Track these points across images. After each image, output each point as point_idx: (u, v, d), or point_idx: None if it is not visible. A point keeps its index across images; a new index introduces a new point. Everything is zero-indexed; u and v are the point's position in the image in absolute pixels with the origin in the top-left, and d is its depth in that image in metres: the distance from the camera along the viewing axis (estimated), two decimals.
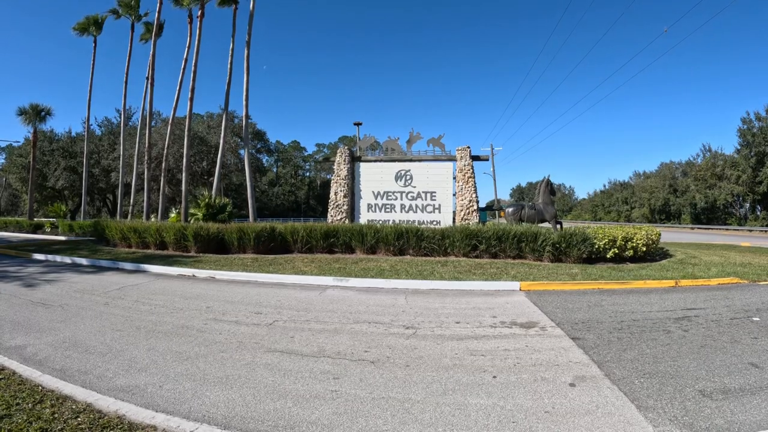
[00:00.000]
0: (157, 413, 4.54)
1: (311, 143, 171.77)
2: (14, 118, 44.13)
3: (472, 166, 22.14)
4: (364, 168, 23.31)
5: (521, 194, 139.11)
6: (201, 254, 17.95)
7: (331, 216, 22.81)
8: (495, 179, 58.33)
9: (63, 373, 5.62)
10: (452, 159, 22.56)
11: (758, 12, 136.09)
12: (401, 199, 22.61)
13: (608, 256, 15.28)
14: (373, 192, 22.98)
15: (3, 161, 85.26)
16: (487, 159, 27.49)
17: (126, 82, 36.26)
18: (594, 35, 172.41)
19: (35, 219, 41.21)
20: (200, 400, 4.87)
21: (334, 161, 23.52)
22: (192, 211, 24.55)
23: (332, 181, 23.45)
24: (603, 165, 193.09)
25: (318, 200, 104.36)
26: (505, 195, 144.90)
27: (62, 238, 28.10)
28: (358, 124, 37.07)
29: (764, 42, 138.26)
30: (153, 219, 29.92)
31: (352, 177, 23.26)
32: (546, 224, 19.71)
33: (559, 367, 5.91)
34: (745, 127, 61.72)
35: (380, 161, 23.32)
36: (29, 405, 4.65)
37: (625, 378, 5.49)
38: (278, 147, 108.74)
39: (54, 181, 59.57)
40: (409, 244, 16.67)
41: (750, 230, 54.87)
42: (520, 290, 11.39)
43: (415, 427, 4.31)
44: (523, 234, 15.68)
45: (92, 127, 54.97)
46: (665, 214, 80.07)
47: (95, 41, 37.83)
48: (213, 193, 26.66)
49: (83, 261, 16.75)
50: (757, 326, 7.83)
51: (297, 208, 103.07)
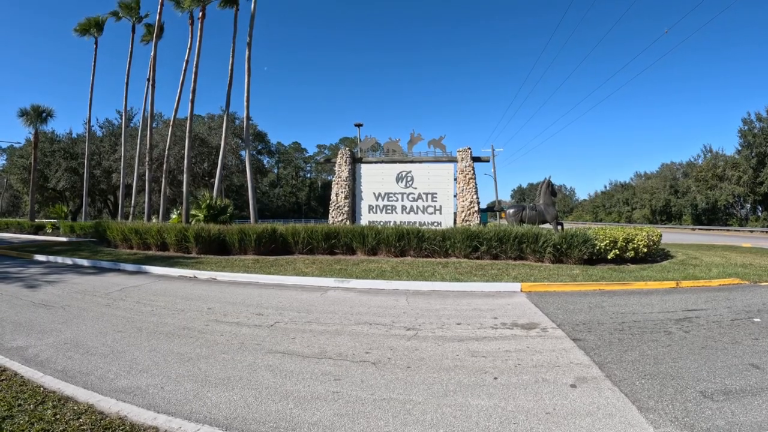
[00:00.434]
0: (159, 414, 4.54)
1: (312, 144, 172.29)
2: (15, 119, 44.13)
3: (473, 168, 22.14)
4: (365, 169, 23.32)
5: (522, 195, 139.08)
6: (202, 255, 17.96)
7: (332, 217, 22.82)
8: (496, 180, 58.40)
9: (65, 374, 5.62)
10: (453, 160, 22.56)
11: (759, 12, 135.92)
12: (402, 201, 22.62)
13: (609, 257, 15.27)
14: (374, 193, 22.99)
15: (4, 162, 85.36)
16: (488, 160, 27.55)
17: (127, 84, 36.23)
18: (595, 35, 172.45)
19: (36, 220, 41.20)
20: (202, 402, 4.87)
21: (335, 162, 23.53)
22: (193, 213, 24.59)
23: (333, 183, 23.46)
24: (604, 166, 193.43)
25: (319, 201, 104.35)
26: (506, 196, 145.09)
27: (63, 240, 28.11)
28: (359, 126, 37.06)
29: (765, 42, 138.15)
30: (154, 220, 29.90)
31: (353, 178, 23.28)
32: (547, 225, 19.72)
33: (560, 369, 5.90)
34: (746, 128, 61.68)
35: (381, 162, 23.34)
36: (31, 406, 4.65)
37: (626, 379, 5.49)
38: (279, 148, 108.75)
39: (55, 183, 59.50)
40: (410, 246, 16.66)
41: (751, 231, 54.86)
42: (521, 291, 11.39)
43: (417, 429, 4.31)
44: (524, 235, 15.66)
45: (93, 129, 54.83)
46: (666, 215, 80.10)
47: (96, 42, 37.81)
48: (214, 195, 26.68)
49: (84, 262, 16.74)
50: (758, 327, 7.81)
51: (298, 210, 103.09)
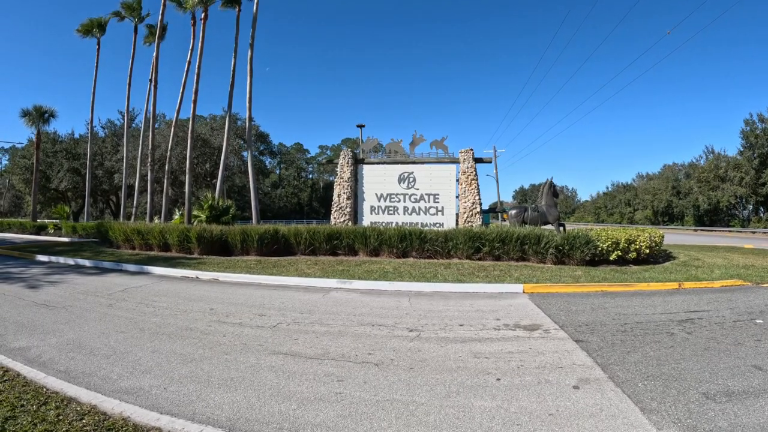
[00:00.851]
0: (162, 415, 4.54)
1: (314, 145, 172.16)
2: (18, 120, 44.27)
3: (475, 169, 22.09)
4: (367, 170, 23.29)
5: (524, 196, 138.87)
6: (204, 256, 17.96)
7: (334, 218, 22.80)
8: (498, 181, 58.38)
9: (67, 375, 5.63)
10: (455, 161, 22.51)
11: (761, 11, 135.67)
12: (404, 202, 22.57)
13: (611, 259, 15.21)
14: (376, 194, 22.95)
15: (6, 163, 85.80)
16: (490, 161, 27.51)
17: (129, 84, 36.36)
18: (599, 34, 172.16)
19: (38, 220, 41.33)
20: (205, 402, 4.86)
21: (338, 163, 23.49)
22: (195, 213, 24.59)
23: (335, 184, 23.41)
24: (606, 167, 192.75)
25: (321, 202, 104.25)
26: (508, 197, 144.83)
27: (65, 240, 28.15)
28: (361, 126, 37.03)
29: (767, 42, 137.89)
30: (156, 221, 29.96)
31: (355, 179, 23.25)
32: (549, 226, 19.69)
33: (563, 370, 5.89)
34: (748, 129, 61.55)
35: (383, 163, 23.28)
36: (34, 406, 4.66)
37: (629, 380, 5.48)
38: (281, 149, 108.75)
39: (57, 183, 59.70)
40: (413, 247, 16.63)
41: (753, 232, 54.75)
42: (524, 293, 11.36)
43: (420, 430, 4.30)
44: (527, 236, 15.63)
45: (95, 129, 55.21)
46: (668, 216, 79.96)
47: (98, 43, 37.96)
48: (216, 195, 26.68)
49: (87, 263, 16.76)
50: (761, 329, 7.79)
51: (300, 210, 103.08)
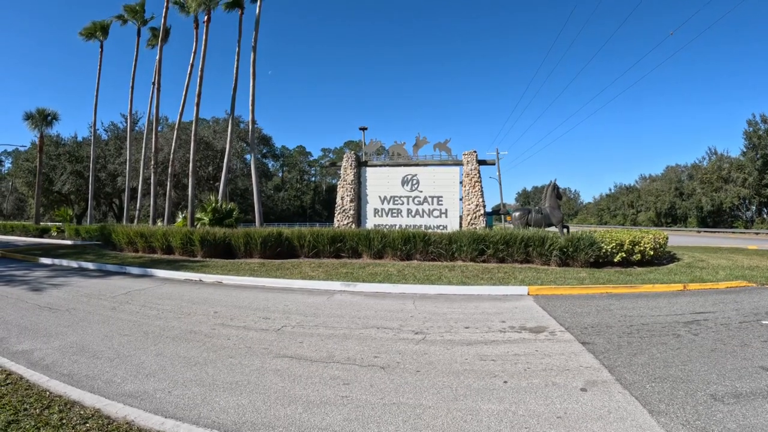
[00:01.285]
0: (167, 419, 4.50)
1: (317, 148, 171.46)
2: (21, 123, 44.36)
3: (479, 171, 22.07)
4: (371, 173, 23.30)
5: (527, 198, 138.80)
6: (208, 259, 17.94)
7: (338, 221, 22.79)
8: (501, 183, 58.22)
9: (71, 378, 5.59)
10: (459, 163, 22.51)
11: (764, 11, 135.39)
12: (408, 204, 22.59)
13: (616, 260, 15.17)
14: (380, 197, 22.96)
15: (10, 166, 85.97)
16: (494, 163, 27.47)
17: (132, 87, 36.43)
18: (603, 33, 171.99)
19: (42, 223, 41.44)
20: (210, 406, 4.82)
21: (341, 166, 23.51)
22: (198, 216, 24.59)
23: (339, 186, 23.42)
24: (608, 169, 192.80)
25: (323, 205, 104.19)
26: (511, 199, 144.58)
27: (69, 243, 28.18)
28: (364, 129, 36.91)
29: None
30: (159, 223, 29.94)
31: (359, 182, 23.26)
32: (553, 228, 19.64)
33: (570, 372, 5.86)
34: (751, 130, 61.67)
35: (387, 166, 23.29)
36: (37, 410, 4.61)
37: (637, 382, 5.45)
38: (284, 152, 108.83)
39: (60, 186, 59.78)
40: (416, 249, 16.57)
41: (757, 233, 54.61)
42: (529, 295, 11.32)
43: None
44: (531, 238, 15.59)
45: (98, 132, 55.29)
46: (671, 218, 79.89)
47: (101, 46, 38.02)
48: (219, 198, 26.66)
49: (90, 265, 16.75)
50: (767, 330, 7.75)
51: (303, 213, 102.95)
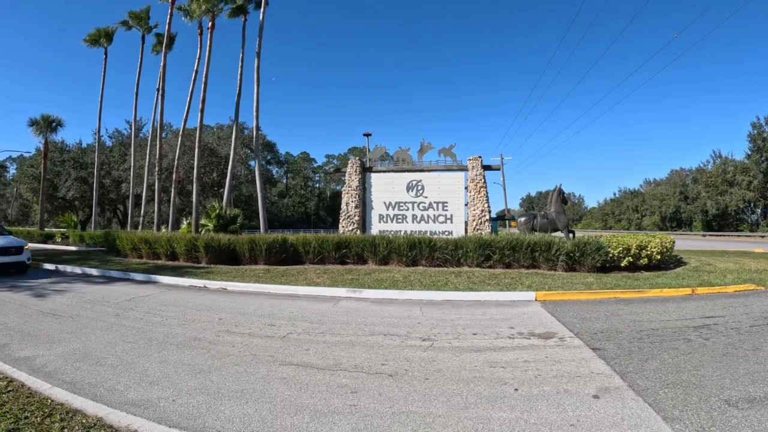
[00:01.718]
0: (171, 428, 4.40)
1: (321, 154, 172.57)
2: (26, 129, 44.58)
3: (484, 176, 22.02)
4: (375, 179, 23.26)
5: (531, 204, 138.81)
6: (212, 265, 17.87)
7: (343, 227, 22.73)
8: (505, 189, 58.05)
9: (73, 386, 5.51)
10: (464, 169, 22.45)
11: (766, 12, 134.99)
12: (413, 210, 22.53)
13: (622, 265, 15.13)
14: (385, 202, 22.90)
15: (14, 172, 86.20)
16: (499, 168, 27.41)
17: (137, 94, 36.46)
18: (607, 35, 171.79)
19: (46, 229, 41.51)
20: (215, 415, 4.72)
21: (346, 172, 23.49)
22: (203, 222, 24.58)
23: (343, 192, 23.40)
24: (613, 173, 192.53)
25: (328, 211, 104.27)
26: (515, 204, 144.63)
27: (73, 248, 28.21)
28: (368, 135, 36.89)
29: None
30: (164, 230, 29.95)
31: (364, 188, 23.22)
32: (558, 233, 19.54)
33: (582, 379, 5.77)
34: (756, 132, 61.72)
35: (391, 172, 23.26)
36: (38, 419, 4.53)
37: (649, 388, 5.37)
38: (288, 158, 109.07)
39: (65, 192, 59.81)
40: (422, 255, 16.51)
41: (762, 236, 54.57)
42: (536, 300, 11.25)
43: None
44: (537, 243, 15.53)
45: (103, 138, 55.10)
46: (676, 222, 79.68)
47: (106, 53, 38.15)
48: (224, 204, 26.68)
49: (94, 271, 16.72)
50: None
51: (307, 219, 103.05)
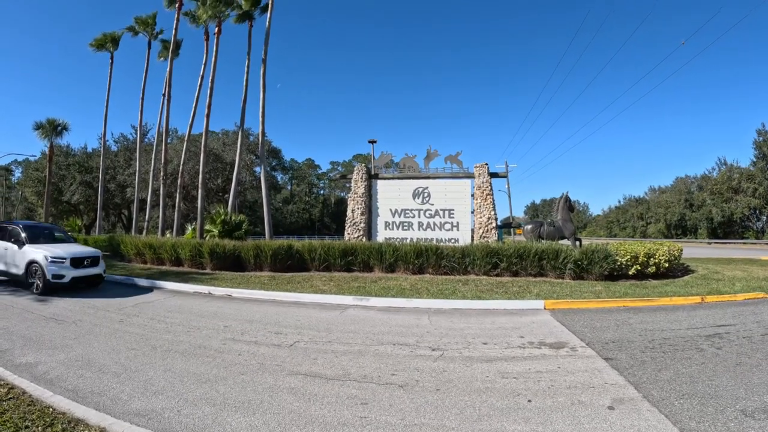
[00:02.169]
0: None
1: (325, 161, 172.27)
2: (31, 133, 44.72)
3: (491, 183, 21.91)
4: (382, 185, 23.17)
5: (535, 211, 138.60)
6: (217, 271, 17.78)
7: (348, 234, 22.62)
8: (510, 196, 57.89)
9: (75, 394, 5.42)
10: (470, 176, 22.35)
11: None
12: (419, 217, 22.41)
13: (630, 273, 15.05)
14: (391, 209, 22.80)
15: (19, 175, 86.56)
16: (506, 176, 27.20)
17: (142, 99, 36.60)
18: (613, 44, 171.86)
19: None
20: (221, 427, 4.61)
21: (351, 178, 23.40)
22: (207, 228, 24.49)
23: (349, 199, 23.31)
24: (618, 181, 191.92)
25: (332, 218, 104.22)
26: (519, 212, 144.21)
27: None
28: (373, 142, 36.96)
29: None
30: (168, 235, 29.91)
31: (369, 195, 23.12)
32: (565, 241, 19.39)
33: (596, 390, 5.69)
34: (761, 139, 61.71)
35: (397, 179, 23.17)
36: (39, 428, 4.45)
37: (664, 399, 5.30)
38: (292, 165, 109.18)
39: (69, 196, 59.98)
40: (429, 263, 16.41)
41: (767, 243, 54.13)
42: (545, 309, 11.16)
43: None
44: (545, 252, 15.43)
45: (108, 143, 55.36)
46: (681, 229, 79.43)
47: (112, 57, 38.25)
48: (229, 210, 26.57)
49: None
50: None
51: (311, 226, 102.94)
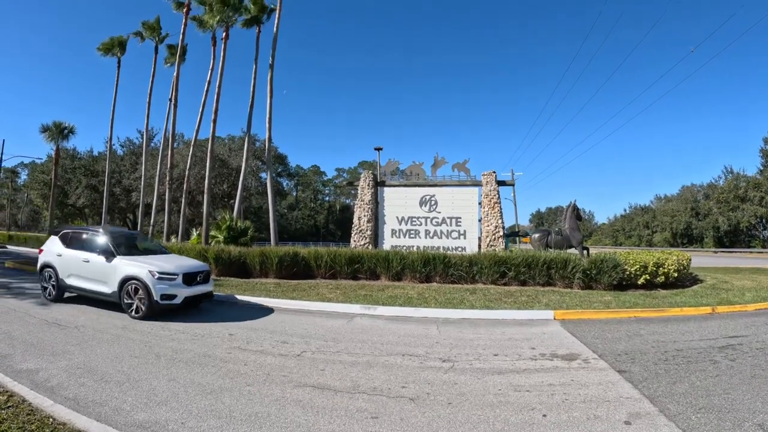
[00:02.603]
0: None
1: (331, 168, 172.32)
2: (38, 135, 45.01)
3: (498, 192, 21.80)
4: (388, 193, 23.06)
5: (540, 220, 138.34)
6: (222, 277, 17.60)
7: (355, 241, 22.50)
8: (515, 205, 57.91)
9: (76, 404, 5.29)
10: (477, 184, 22.26)
11: None
12: (426, 225, 22.29)
13: (639, 283, 14.95)
14: (397, 217, 22.69)
15: (25, 177, 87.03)
16: (513, 184, 27.19)
17: (149, 103, 36.60)
18: (620, 52, 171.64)
19: None
20: None
21: (358, 186, 23.33)
22: (213, 234, 24.40)
23: (356, 206, 23.21)
24: (623, 189, 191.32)
25: (337, 225, 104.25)
26: (524, 221, 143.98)
27: None
28: (379, 149, 36.75)
29: None
30: (173, 240, 29.90)
31: (376, 202, 23.01)
32: (572, 250, 19.26)
33: (611, 404, 5.61)
34: None
35: (404, 186, 23.09)
36: None
37: (681, 413, 5.24)
38: (298, 171, 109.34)
39: (75, 199, 60.30)
40: (436, 271, 16.28)
41: None
42: (555, 319, 11.06)
43: None
44: (553, 261, 15.32)
45: (114, 147, 55.56)
46: (687, 238, 78.97)
47: (119, 62, 38.38)
48: (234, 216, 26.49)
49: None
50: None
51: (316, 233, 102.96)
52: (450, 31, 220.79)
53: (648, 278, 14.90)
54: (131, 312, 10.54)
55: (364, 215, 22.66)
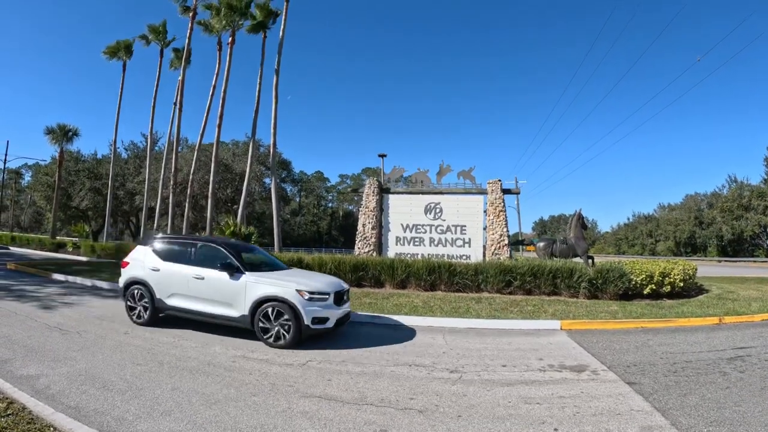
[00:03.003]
0: None
1: (334, 174, 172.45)
2: (42, 137, 45.19)
3: (503, 200, 21.71)
4: (393, 200, 22.97)
5: (543, 228, 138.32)
6: None
7: (359, 248, 22.39)
8: (519, 213, 57.77)
9: (78, 412, 5.16)
10: (483, 192, 22.14)
11: None
12: (430, 233, 22.17)
13: (645, 292, 14.84)
14: (402, 225, 22.57)
15: (29, 179, 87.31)
16: (518, 192, 27.11)
17: (153, 107, 36.81)
18: (627, 59, 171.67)
19: (58, 237, 41.94)
20: None
21: (363, 192, 23.22)
22: None
23: (360, 213, 23.13)
24: (626, 198, 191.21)
25: (340, 231, 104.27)
26: (527, 229, 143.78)
27: (83, 259, 28.05)
28: (383, 156, 36.73)
29: None
30: None
31: (381, 209, 22.91)
32: (577, 259, 19.15)
33: (622, 417, 5.54)
34: None
35: (409, 193, 22.99)
36: None
37: (693, 427, 5.20)
38: (302, 177, 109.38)
39: (78, 201, 60.38)
40: (441, 280, 16.13)
41: None
42: (561, 329, 11.02)
43: None
44: (559, 270, 15.19)
45: (118, 150, 55.64)
46: (691, 247, 78.88)
47: (124, 66, 38.58)
48: (238, 221, 26.41)
49: (104, 285, 16.41)
50: None
51: (319, 239, 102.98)
52: (461, 36, 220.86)
53: (654, 288, 14.80)
54: (269, 339, 8.76)
55: (369, 222, 22.57)
